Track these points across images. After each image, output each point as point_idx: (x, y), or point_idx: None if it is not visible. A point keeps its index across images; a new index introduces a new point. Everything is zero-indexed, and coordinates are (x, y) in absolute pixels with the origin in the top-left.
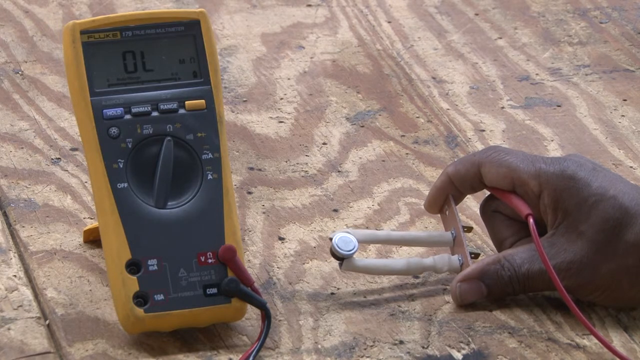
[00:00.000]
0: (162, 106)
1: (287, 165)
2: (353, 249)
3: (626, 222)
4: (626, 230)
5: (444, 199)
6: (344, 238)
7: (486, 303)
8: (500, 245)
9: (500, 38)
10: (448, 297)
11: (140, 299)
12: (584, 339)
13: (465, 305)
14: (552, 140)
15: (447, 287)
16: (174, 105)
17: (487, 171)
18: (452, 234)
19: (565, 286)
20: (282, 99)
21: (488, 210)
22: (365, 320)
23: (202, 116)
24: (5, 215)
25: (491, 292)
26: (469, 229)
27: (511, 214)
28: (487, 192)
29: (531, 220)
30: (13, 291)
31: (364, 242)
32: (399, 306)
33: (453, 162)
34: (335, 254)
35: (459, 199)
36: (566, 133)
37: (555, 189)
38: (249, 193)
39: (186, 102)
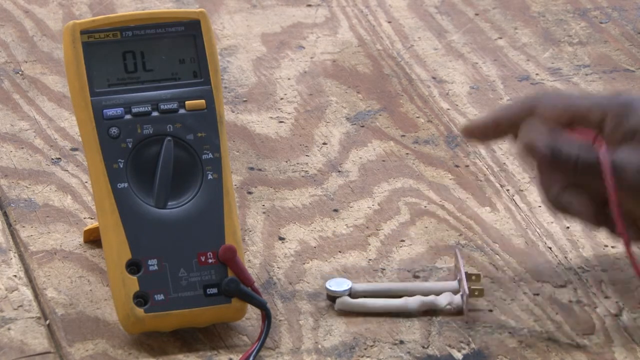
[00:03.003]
0: (162, 106)
1: (287, 165)
2: (347, 288)
3: None
4: None
5: (498, 130)
6: (338, 280)
7: (486, 303)
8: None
9: (500, 38)
10: None
11: (141, 299)
12: (584, 338)
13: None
14: None
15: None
16: (174, 105)
17: (543, 112)
18: (457, 279)
19: None
20: (282, 99)
21: (559, 202)
22: (365, 320)
23: (202, 116)
24: (5, 215)
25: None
26: (478, 277)
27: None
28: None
29: (603, 144)
30: (13, 291)
31: (364, 294)
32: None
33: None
34: (329, 295)
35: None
36: None
37: (617, 113)
38: (249, 193)
39: (186, 102)
